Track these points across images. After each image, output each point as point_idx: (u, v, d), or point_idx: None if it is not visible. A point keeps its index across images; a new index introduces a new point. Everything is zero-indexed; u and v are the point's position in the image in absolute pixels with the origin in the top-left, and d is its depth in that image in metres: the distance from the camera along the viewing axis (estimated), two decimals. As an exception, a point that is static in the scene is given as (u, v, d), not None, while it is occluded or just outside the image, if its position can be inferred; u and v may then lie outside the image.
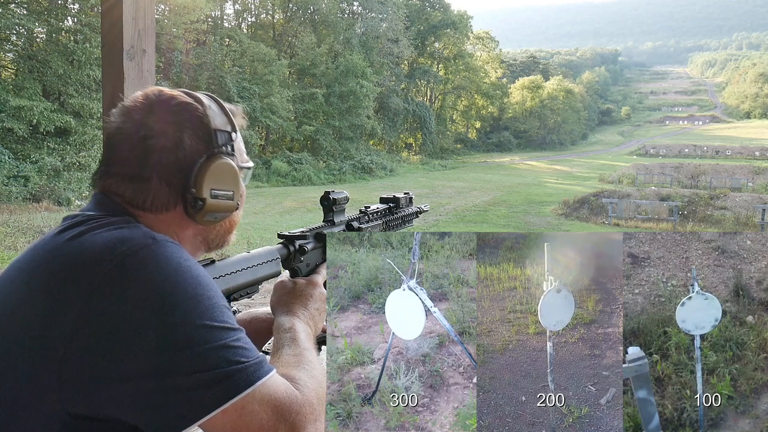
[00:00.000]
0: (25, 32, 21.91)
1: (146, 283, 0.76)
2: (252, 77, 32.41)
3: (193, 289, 0.78)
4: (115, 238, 0.80)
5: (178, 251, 0.82)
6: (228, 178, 0.94)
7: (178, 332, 0.75)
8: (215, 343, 0.76)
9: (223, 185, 0.93)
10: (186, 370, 0.74)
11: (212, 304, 0.79)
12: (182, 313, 0.76)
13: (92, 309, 0.74)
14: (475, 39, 62.26)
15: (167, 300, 0.76)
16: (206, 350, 0.75)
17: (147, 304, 0.75)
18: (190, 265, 0.82)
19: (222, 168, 0.93)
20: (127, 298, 0.75)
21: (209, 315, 0.78)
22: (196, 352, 0.75)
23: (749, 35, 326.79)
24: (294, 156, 32.74)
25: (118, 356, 0.73)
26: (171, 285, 0.77)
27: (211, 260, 0.97)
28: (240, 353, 0.78)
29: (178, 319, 0.76)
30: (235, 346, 0.78)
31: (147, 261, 0.78)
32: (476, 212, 20.48)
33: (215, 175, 0.92)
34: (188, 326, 0.76)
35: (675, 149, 60.74)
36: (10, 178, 18.58)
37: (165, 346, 0.74)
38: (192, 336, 0.75)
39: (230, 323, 0.80)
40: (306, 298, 1.06)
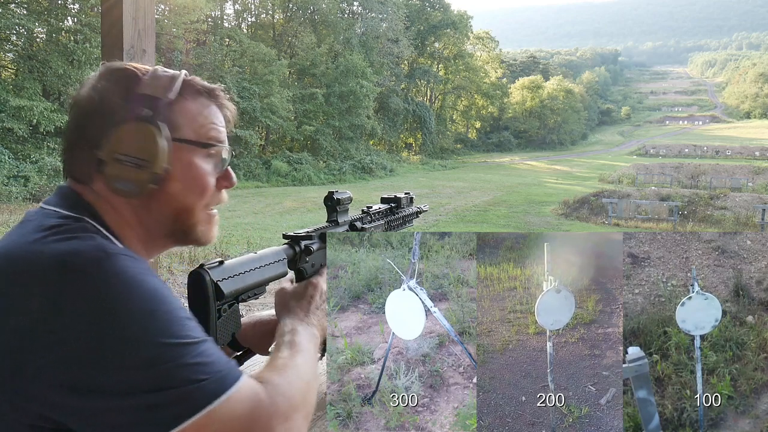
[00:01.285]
0: (25, 32, 21.91)
1: (96, 301, 0.73)
2: (252, 77, 32.40)
3: (148, 304, 0.75)
4: (64, 252, 0.76)
5: (132, 264, 0.78)
6: (139, 143, 0.86)
7: (133, 351, 0.72)
8: (172, 362, 0.73)
9: (130, 150, 0.85)
10: (142, 389, 0.71)
11: (169, 318, 0.75)
12: (136, 331, 0.73)
13: (42, 324, 0.72)
14: (475, 39, 62.27)
15: (119, 317, 0.72)
16: (163, 369, 0.72)
17: (97, 321, 0.72)
18: (144, 278, 0.77)
19: (133, 131, 0.86)
20: (76, 315, 0.72)
21: (166, 331, 0.74)
22: (153, 372, 0.72)
23: (749, 35, 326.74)
24: (294, 156, 32.73)
25: (72, 373, 0.71)
26: (123, 301, 0.73)
27: (220, 261, 0.97)
28: (200, 370, 0.74)
29: (131, 337, 0.72)
30: (194, 363, 0.74)
31: (97, 277, 0.74)
32: (476, 212, 20.48)
33: (123, 137, 0.85)
34: (143, 344, 0.72)
35: (675, 149, 60.75)
36: (10, 178, 18.59)
37: (119, 365, 0.71)
38: (147, 355, 0.72)
39: (190, 337, 0.76)
40: (308, 299, 1.05)
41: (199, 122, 0.93)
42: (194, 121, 0.92)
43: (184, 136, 0.90)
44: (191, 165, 0.91)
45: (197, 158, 0.92)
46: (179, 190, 0.90)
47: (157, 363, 0.72)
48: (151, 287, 0.77)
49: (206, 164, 0.93)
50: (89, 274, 0.74)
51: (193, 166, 0.91)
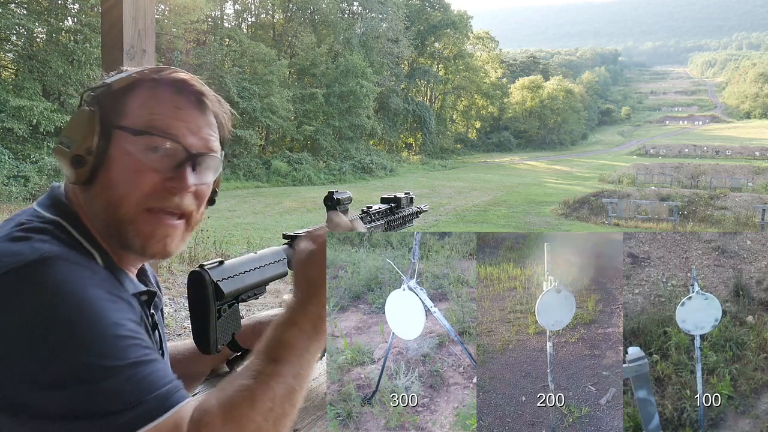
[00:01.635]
0: (25, 32, 21.93)
1: (19, 308, 0.68)
2: (252, 77, 32.41)
3: (72, 316, 0.68)
4: (4, 253, 0.73)
5: (69, 272, 0.72)
6: (75, 126, 0.85)
7: (46, 368, 0.66)
8: (88, 385, 0.67)
9: (66, 134, 0.85)
10: (54, 412, 0.66)
11: (94, 335, 0.69)
12: (53, 347, 0.67)
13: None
14: (475, 39, 62.29)
15: (37, 329, 0.67)
16: (76, 393, 0.66)
17: (14, 330, 0.68)
18: (78, 289, 0.71)
19: (76, 116, 0.86)
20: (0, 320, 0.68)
21: (87, 348, 0.68)
22: (65, 393, 0.66)
23: (749, 35, 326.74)
24: (294, 156, 32.74)
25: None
26: (44, 312, 0.68)
27: (220, 261, 0.97)
28: (117, 399, 0.67)
29: (45, 353, 0.67)
30: (112, 390, 0.67)
31: (24, 282, 0.70)
32: (476, 212, 20.48)
33: (70, 123, 0.86)
34: (58, 360, 0.67)
35: (675, 149, 60.77)
36: (10, 178, 18.59)
37: (32, 381, 0.66)
38: (61, 373, 0.66)
39: (115, 358, 0.69)
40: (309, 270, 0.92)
41: (146, 110, 0.86)
42: (141, 109, 0.86)
43: (123, 122, 0.85)
44: (126, 154, 0.84)
45: (133, 147, 0.84)
46: (110, 180, 0.84)
47: (70, 384, 0.66)
48: (81, 298, 0.71)
49: (146, 156, 0.84)
50: (18, 279, 0.70)
51: (129, 155, 0.84)
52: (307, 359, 0.85)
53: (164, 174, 0.85)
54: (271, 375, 0.79)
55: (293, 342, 0.84)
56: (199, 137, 0.88)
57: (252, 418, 0.74)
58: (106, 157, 0.84)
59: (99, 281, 0.76)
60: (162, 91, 0.87)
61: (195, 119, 0.89)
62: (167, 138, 0.85)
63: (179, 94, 0.88)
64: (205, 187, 0.91)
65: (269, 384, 0.78)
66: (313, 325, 0.87)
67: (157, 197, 0.85)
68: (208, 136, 0.90)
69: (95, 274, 0.77)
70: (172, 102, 0.87)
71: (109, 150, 0.84)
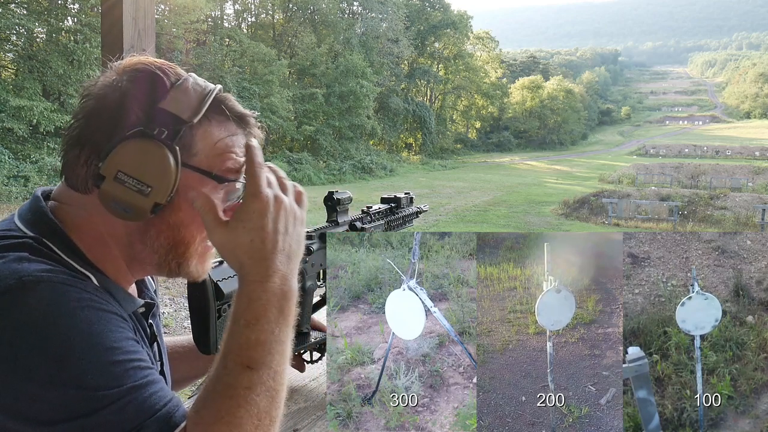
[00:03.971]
0: (25, 32, 21.92)
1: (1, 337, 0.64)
2: (252, 77, 32.41)
3: (58, 348, 0.64)
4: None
5: (50, 296, 0.67)
6: (145, 165, 0.74)
7: (32, 403, 0.63)
8: (82, 419, 0.63)
9: (134, 171, 0.74)
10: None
11: (82, 365, 0.64)
12: (42, 383, 0.63)
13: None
14: (475, 39, 62.26)
15: (23, 361, 0.63)
16: (68, 428, 0.63)
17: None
18: (64, 314, 0.66)
19: (142, 150, 0.74)
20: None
21: (75, 381, 0.64)
22: (56, 429, 0.63)
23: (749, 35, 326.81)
24: (294, 156, 32.74)
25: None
26: (27, 343, 0.63)
27: (220, 261, 0.97)
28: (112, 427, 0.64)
29: (32, 386, 0.63)
30: (106, 422, 0.64)
31: (3, 311, 0.65)
32: (476, 212, 20.47)
33: (131, 155, 0.74)
34: (45, 397, 0.63)
35: (675, 149, 60.77)
36: (10, 178, 18.59)
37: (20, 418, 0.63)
38: (51, 407, 0.63)
39: (110, 387, 0.65)
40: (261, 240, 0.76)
41: (218, 150, 0.80)
42: (213, 149, 0.80)
43: (198, 164, 0.78)
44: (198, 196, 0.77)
45: (206, 190, 0.78)
46: (180, 221, 0.79)
47: (64, 419, 0.63)
48: (68, 325, 0.66)
49: (215, 197, 0.79)
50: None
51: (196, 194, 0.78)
52: (282, 351, 0.74)
53: (223, 207, 0.80)
54: (249, 387, 0.70)
55: (264, 336, 0.73)
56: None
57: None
58: (177, 197, 0.77)
59: (88, 301, 0.69)
60: (230, 126, 0.81)
61: (243, 150, 0.81)
62: (236, 181, 0.80)
63: (244, 130, 0.83)
64: None
65: (250, 398, 0.70)
66: (279, 308, 0.74)
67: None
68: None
69: (84, 292, 0.70)
70: (241, 139, 0.82)
71: (180, 189, 0.77)
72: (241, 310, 0.73)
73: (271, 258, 0.75)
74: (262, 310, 0.73)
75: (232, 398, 0.69)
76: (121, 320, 0.72)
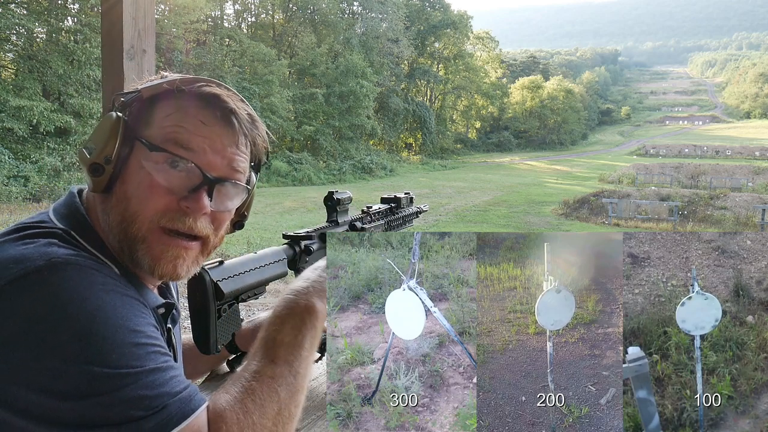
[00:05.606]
0: (25, 32, 21.92)
1: (28, 316, 0.65)
2: (252, 77, 32.42)
3: (84, 325, 0.66)
4: (10, 258, 0.69)
5: (77, 277, 0.69)
6: (98, 132, 0.81)
7: (60, 378, 0.64)
8: (107, 395, 0.65)
9: (92, 138, 0.81)
10: (69, 424, 0.64)
11: (108, 344, 0.66)
12: (66, 355, 0.64)
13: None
14: (475, 39, 62.29)
15: (48, 338, 0.64)
16: (94, 403, 0.64)
17: (25, 338, 0.64)
18: (89, 296, 0.68)
19: (101, 121, 0.82)
20: (7, 327, 0.65)
21: (101, 359, 0.65)
22: (82, 404, 0.64)
23: (749, 35, 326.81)
24: (294, 156, 32.74)
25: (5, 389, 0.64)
26: (54, 321, 0.65)
27: (219, 261, 0.97)
28: (139, 404, 0.66)
29: (60, 360, 0.64)
30: (133, 398, 0.66)
31: (33, 291, 0.66)
32: (476, 212, 20.48)
33: (96, 128, 0.82)
34: (72, 372, 0.64)
35: (675, 149, 60.77)
36: (10, 178, 18.59)
37: (46, 391, 0.64)
38: (76, 384, 0.64)
39: (132, 366, 0.67)
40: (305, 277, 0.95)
41: (169, 123, 0.81)
42: (165, 120, 0.81)
43: (145, 134, 0.81)
44: (142, 168, 0.80)
45: (149, 161, 0.79)
46: (126, 192, 0.80)
47: (87, 395, 0.64)
48: (95, 306, 0.67)
49: (163, 172, 0.79)
50: (25, 286, 0.67)
51: (144, 169, 0.80)
52: (303, 356, 0.84)
53: (179, 194, 0.80)
54: (273, 377, 0.79)
55: (287, 339, 0.84)
56: (223, 156, 0.82)
57: (264, 425, 0.75)
58: (125, 168, 0.80)
59: (113, 285, 0.72)
60: (189, 104, 0.82)
61: (220, 137, 0.82)
62: (183, 156, 0.80)
63: (206, 109, 0.82)
64: (225, 213, 0.87)
65: (273, 387, 0.78)
66: (303, 320, 0.87)
67: (169, 217, 0.80)
68: (233, 156, 0.84)
69: (109, 278, 0.73)
70: (198, 116, 0.82)
71: (129, 161, 0.80)
72: (274, 314, 0.87)
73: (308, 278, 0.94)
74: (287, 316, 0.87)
75: (258, 381, 0.78)
76: (143, 307, 0.75)
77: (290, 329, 0.85)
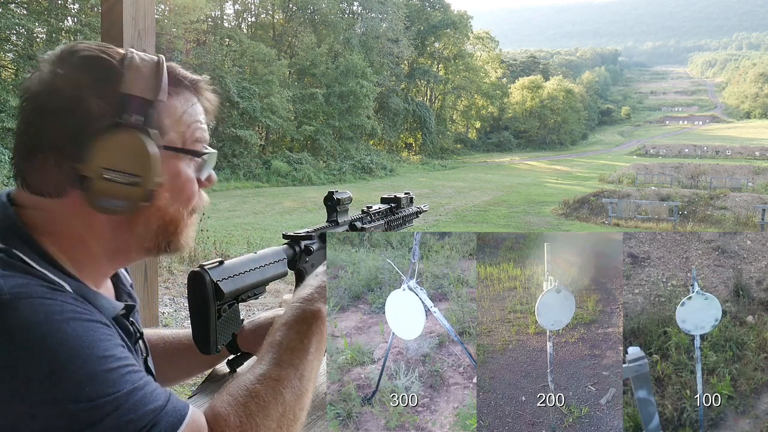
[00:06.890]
0: (25, 32, 21.92)
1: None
2: (252, 77, 32.42)
3: (49, 364, 0.62)
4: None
5: (31, 313, 0.63)
6: (130, 156, 0.73)
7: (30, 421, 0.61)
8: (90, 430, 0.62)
9: (120, 164, 0.73)
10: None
11: (77, 379, 0.63)
12: (36, 403, 0.61)
13: None
14: (475, 39, 62.30)
15: (13, 384, 0.61)
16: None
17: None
18: (46, 330, 0.63)
19: (122, 143, 0.73)
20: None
21: (72, 395, 0.62)
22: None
23: (749, 35, 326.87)
24: (294, 156, 32.74)
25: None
26: (16, 365, 0.61)
27: (219, 261, 0.96)
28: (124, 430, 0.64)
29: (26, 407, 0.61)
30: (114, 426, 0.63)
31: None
32: (476, 212, 20.48)
33: (111, 150, 0.72)
34: (44, 415, 0.61)
35: (675, 149, 60.77)
36: (10, 178, 18.59)
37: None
38: (51, 425, 0.61)
39: (108, 394, 0.64)
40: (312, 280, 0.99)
41: (185, 123, 0.81)
42: (180, 123, 0.81)
43: (171, 142, 0.79)
44: (179, 174, 0.80)
45: (183, 165, 0.81)
46: (167, 201, 0.80)
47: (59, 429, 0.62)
48: (57, 341, 0.63)
49: (191, 169, 0.83)
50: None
51: (181, 174, 0.81)
52: (309, 360, 0.86)
53: (203, 176, 0.86)
54: (278, 380, 0.80)
55: (293, 344, 0.85)
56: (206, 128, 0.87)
57: (268, 426, 0.75)
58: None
59: (71, 312, 0.67)
60: (187, 95, 0.83)
61: (204, 117, 0.86)
62: (209, 150, 0.85)
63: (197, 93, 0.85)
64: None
65: (278, 389, 0.79)
66: (309, 326, 0.88)
67: (196, 201, 0.85)
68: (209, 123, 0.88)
69: (66, 304, 0.68)
70: (196, 106, 0.84)
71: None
72: (281, 321, 0.88)
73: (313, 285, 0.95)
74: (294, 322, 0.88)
75: (262, 384, 0.78)
76: (106, 327, 0.71)
77: (296, 334, 0.86)
